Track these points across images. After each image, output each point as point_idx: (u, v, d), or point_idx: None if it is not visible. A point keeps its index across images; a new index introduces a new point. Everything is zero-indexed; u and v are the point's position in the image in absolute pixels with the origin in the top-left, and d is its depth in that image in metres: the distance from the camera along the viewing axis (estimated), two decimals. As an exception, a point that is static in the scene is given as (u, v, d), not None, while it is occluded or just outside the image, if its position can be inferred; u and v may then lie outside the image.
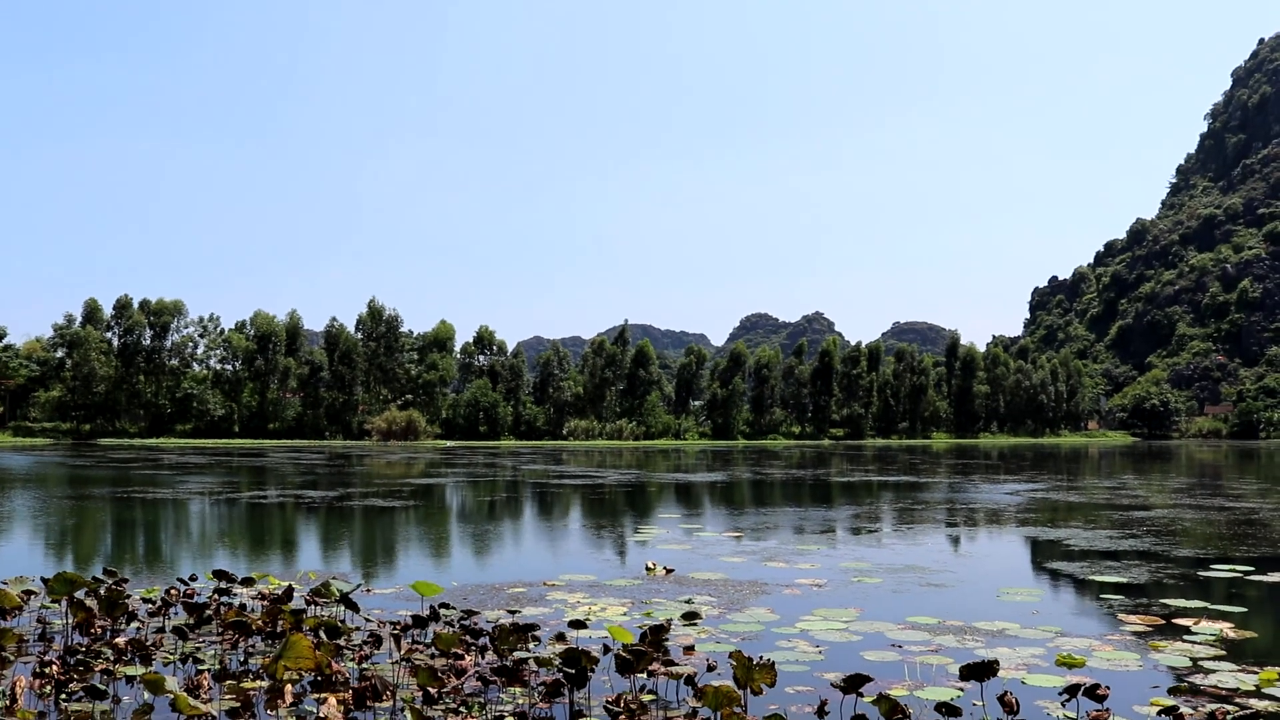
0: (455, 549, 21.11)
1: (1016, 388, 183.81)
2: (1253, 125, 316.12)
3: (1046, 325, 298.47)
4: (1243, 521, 27.22)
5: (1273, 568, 17.79)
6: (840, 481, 47.58)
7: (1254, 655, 10.94)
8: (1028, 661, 10.48)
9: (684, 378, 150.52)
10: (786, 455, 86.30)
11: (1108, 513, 29.94)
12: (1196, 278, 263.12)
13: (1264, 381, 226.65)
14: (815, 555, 19.22)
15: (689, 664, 9.96)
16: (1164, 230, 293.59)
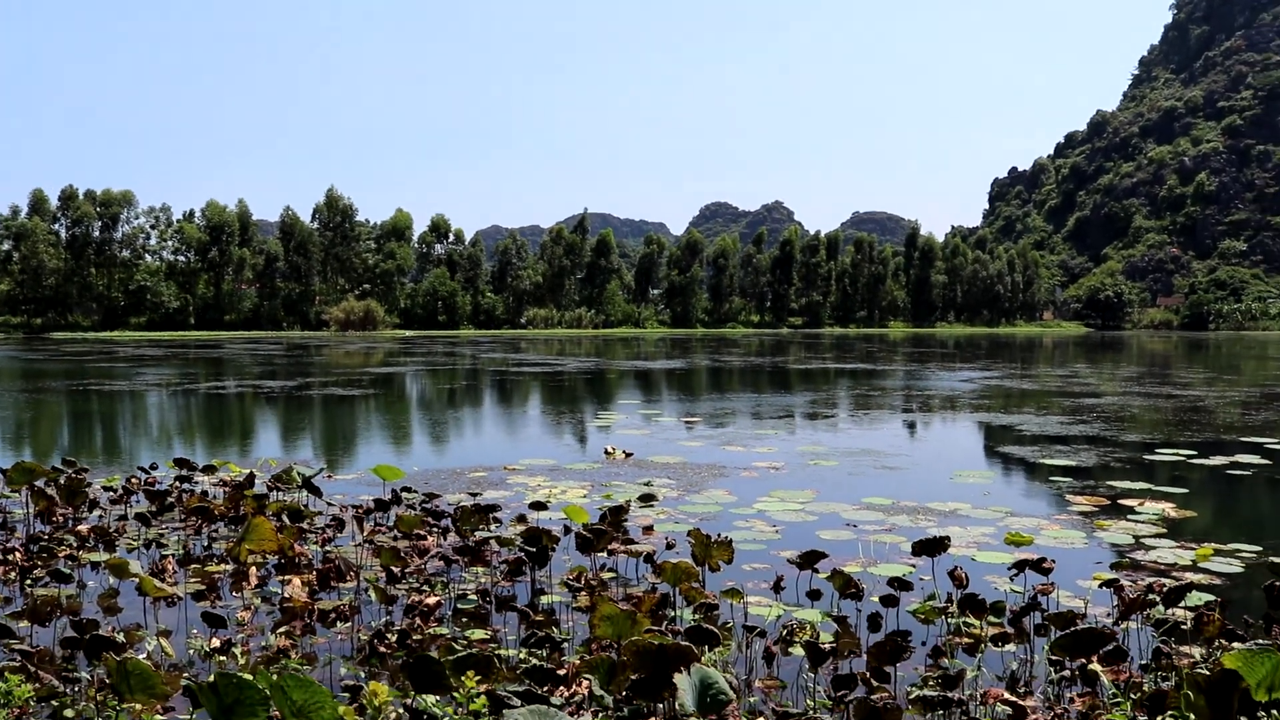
0: (416, 435, 21.21)
1: (974, 278, 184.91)
2: (1217, 16, 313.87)
3: (1005, 216, 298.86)
4: (1188, 409, 27.83)
5: (1214, 452, 18.26)
6: (798, 369, 48.01)
7: (1192, 533, 11.31)
8: (978, 540, 10.78)
9: (643, 266, 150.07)
10: (745, 343, 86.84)
11: (1059, 400, 30.50)
12: (1154, 170, 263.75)
13: (1215, 274, 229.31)
14: (773, 440, 19.50)
15: (648, 543, 10.17)
16: (1124, 122, 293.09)
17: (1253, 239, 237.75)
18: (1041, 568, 8.04)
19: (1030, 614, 7.45)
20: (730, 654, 7.11)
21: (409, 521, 9.94)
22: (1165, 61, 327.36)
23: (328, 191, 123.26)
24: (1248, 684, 4.06)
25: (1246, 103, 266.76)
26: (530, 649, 6.68)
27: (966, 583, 7.95)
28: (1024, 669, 6.99)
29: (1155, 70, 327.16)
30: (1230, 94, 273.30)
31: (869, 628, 7.42)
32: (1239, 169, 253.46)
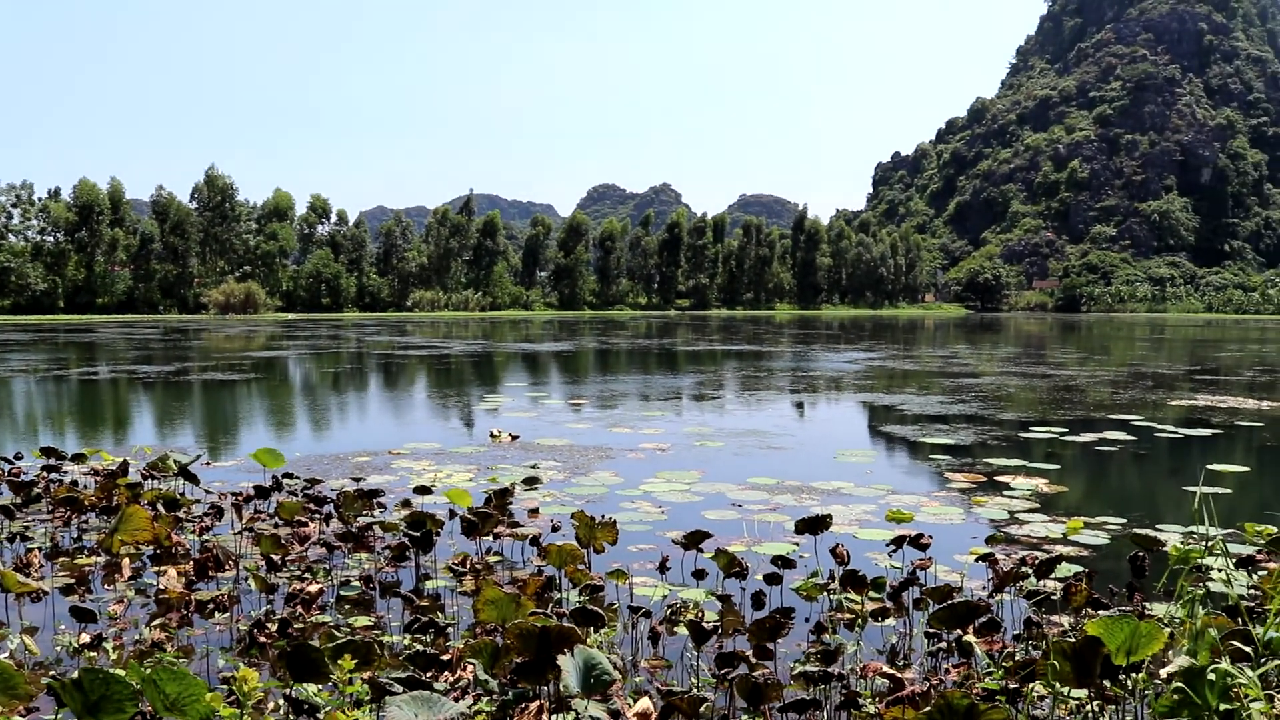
0: (298, 421, 20.80)
1: (858, 260, 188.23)
2: (1089, 9, 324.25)
3: (888, 200, 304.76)
4: (1061, 388, 28.79)
5: (1085, 429, 18.93)
6: (685, 351, 48.34)
7: (1064, 508, 11.72)
8: (860, 517, 11.00)
9: (530, 248, 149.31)
10: (632, 325, 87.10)
11: (940, 380, 31.26)
12: (1031, 157, 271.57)
13: (1087, 258, 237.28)
14: (659, 421, 19.61)
15: (534, 526, 10.15)
16: (1002, 110, 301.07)
17: (1122, 224, 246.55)
18: (919, 544, 8.24)
19: (909, 589, 7.63)
20: (616, 635, 7.14)
21: (290, 508, 9.76)
22: (1041, 52, 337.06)
23: (207, 171, 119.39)
24: (1108, 649, 4.22)
25: (1116, 93, 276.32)
26: (414, 635, 6.62)
27: (848, 560, 8.12)
28: (903, 642, 7.17)
29: (1032, 60, 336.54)
30: (1101, 85, 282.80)
31: (753, 606, 7.51)
32: (1109, 157, 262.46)
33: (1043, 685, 4.82)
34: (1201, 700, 3.55)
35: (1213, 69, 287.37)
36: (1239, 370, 38.18)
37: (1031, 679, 5.06)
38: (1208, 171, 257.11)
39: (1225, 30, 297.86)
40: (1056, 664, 4.34)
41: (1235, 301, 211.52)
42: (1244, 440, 18.40)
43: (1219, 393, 27.31)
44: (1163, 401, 24.81)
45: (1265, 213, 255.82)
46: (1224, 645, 3.96)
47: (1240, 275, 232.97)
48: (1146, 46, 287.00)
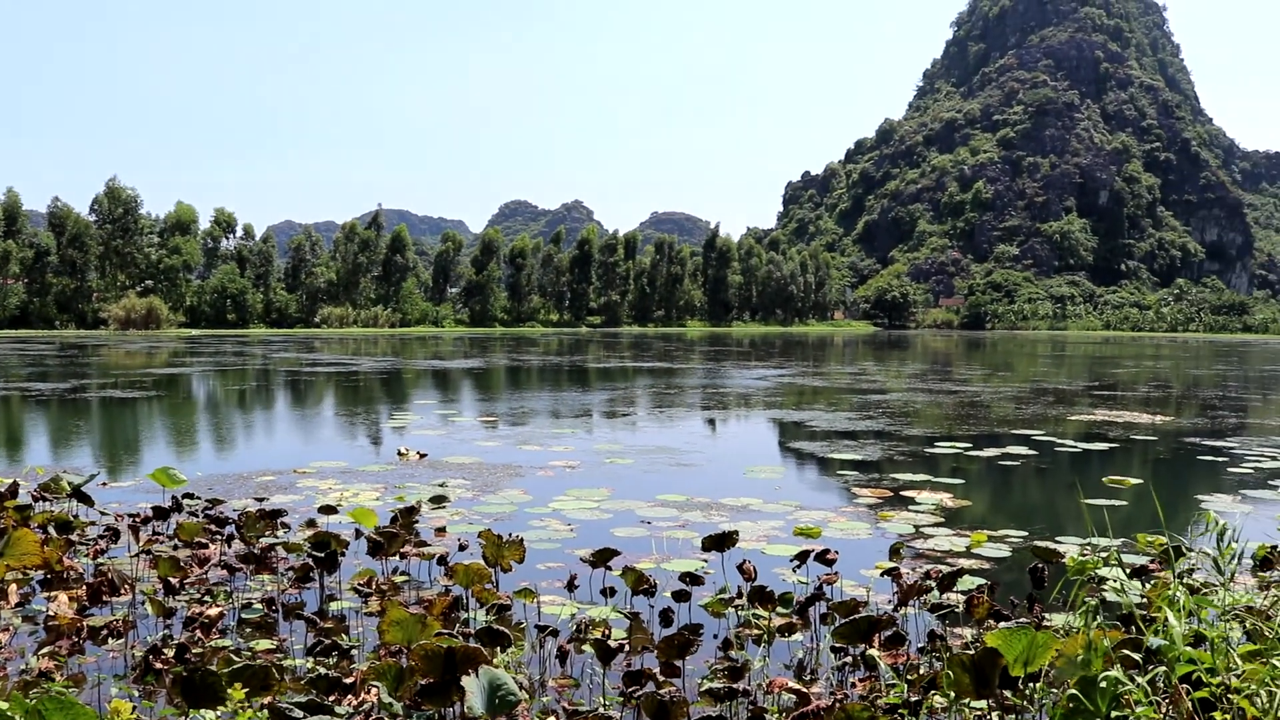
0: (201, 439, 20.33)
1: (768, 278, 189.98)
2: (992, 36, 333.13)
3: (798, 219, 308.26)
4: (966, 404, 29.36)
5: (989, 444, 19.32)
6: (597, 368, 48.34)
7: (968, 521, 11.93)
8: (768, 533, 11.07)
9: (441, 264, 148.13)
10: (544, 342, 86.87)
11: (848, 396, 31.66)
12: (937, 178, 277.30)
13: (992, 277, 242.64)
14: (570, 439, 19.56)
15: (441, 545, 10.04)
16: (910, 131, 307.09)
17: (1024, 244, 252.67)
18: (825, 559, 8.32)
19: (816, 604, 7.69)
20: (523, 654, 7.08)
21: (190, 529, 9.53)
22: (947, 75, 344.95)
23: (109, 182, 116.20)
24: (1006, 660, 4.29)
25: (1018, 117, 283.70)
26: (318, 657, 6.49)
27: (755, 576, 8.16)
28: (810, 657, 7.22)
29: (938, 83, 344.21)
30: (1004, 108, 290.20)
31: (661, 623, 7.51)
32: (1012, 178, 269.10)
33: (943, 697, 4.89)
34: (1093, 707, 3.63)
35: (1109, 95, 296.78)
36: (1135, 386, 39.31)
37: (932, 690, 5.13)
38: (1105, 194, 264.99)
39: (1120, 59, 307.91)
40: (955, 675, 4.41)
41: (1131, 319, 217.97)
42: (1139, 454, 18.93)
43: (1116, 408, 28.08)
44: (1063, 417, 25.43)
45: (1159, 234, 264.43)
46: (1115, 654, 4.05)
47: (1136, 294, 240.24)
48: (1047, 73, 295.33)
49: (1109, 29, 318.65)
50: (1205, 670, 3.93)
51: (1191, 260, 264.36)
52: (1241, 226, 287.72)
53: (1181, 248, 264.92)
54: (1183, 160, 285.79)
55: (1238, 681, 3.85)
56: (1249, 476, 15.96)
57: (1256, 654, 4.00)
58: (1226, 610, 5.08)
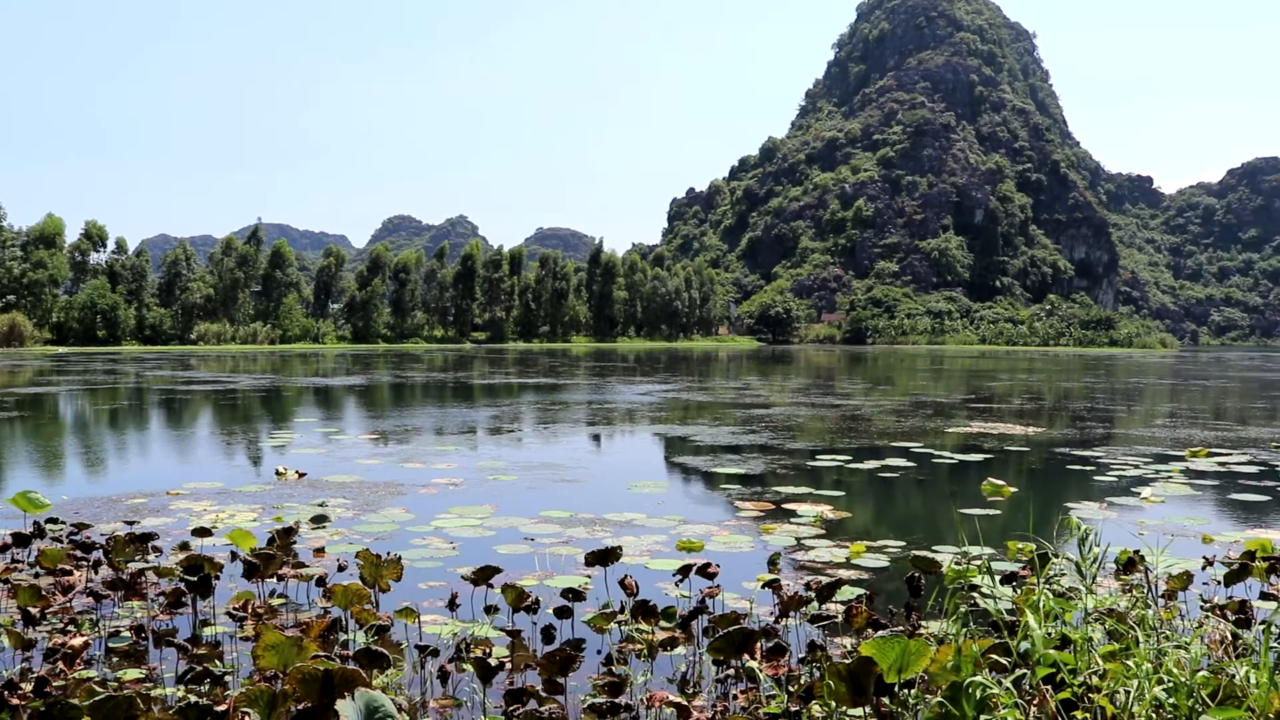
0: (67, 461, 19.57)
1: (653, 294, 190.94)
2: (873, 58, 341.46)
3: (683, 235, 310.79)
4: (847, 417, 29.89)
5: (870, 456, 19.69)
6: (481, 384, 47.98)
7: (848, 533, 12.13)
8: (652, 548, 11.10)
9: (323, 280, 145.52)
10: (428, 358, 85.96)
11: (732, 411, 31.97)
12: (819, 195, 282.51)
13: (872, 293, 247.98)
14: (453, 456, 19.37)
15: (320, 565, 9.84)
16: (792, 149, 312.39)
17: (904, 261, 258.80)
18: (707, 573, 8.37)
19: (698, 617, 7.73)
20: (404, 675, 6.98)
21: (53, 556, 9.15)
22: (829, 95, 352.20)
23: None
24: (881, 668, 4.37)
25: (897, 137, 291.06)
26: (189, 685, 6.29)
27: (637, 590, 8.17)
28: (692, 670, 7.25)
29: (820, 102, 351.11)
30: (884, 128, 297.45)
31: (543, 640, 7.47)
32: (892, 197, 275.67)
33: (821, 706, 4.95)
34: (960, 712, 3.72)
35: (983, 118, 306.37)
36: (1009, 399, 40.48)
37: (811, 700, 5.19)
38: (980, 212, 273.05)
39: (994, 83, 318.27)
40: (832, 684, 4.46)
41: (1006, 334, 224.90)
42: (1014, 464, 19.50)
43: (991, 420, 28.88)
44: (941, 429, 26.06)
45: (1031, 251, 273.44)
46: (984, 659, 4.15)
47: (1010, 309, 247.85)
48: (925, 94, 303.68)
49: (983, 54, 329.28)
50: (1068, 671, 4.06)
51: (1062, 277, 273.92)
52: (1107, 245, 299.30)
53: (1052, 265, 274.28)
54: (1053, 181, 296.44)
55: (1099, 681, 3.98)
56: (1114, 484, 16.55)
57: (1117, 654, 4.14)
58: (1090, 613, 5.25)
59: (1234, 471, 18.33)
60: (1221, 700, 3.69)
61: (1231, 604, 7.44)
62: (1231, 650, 4.37)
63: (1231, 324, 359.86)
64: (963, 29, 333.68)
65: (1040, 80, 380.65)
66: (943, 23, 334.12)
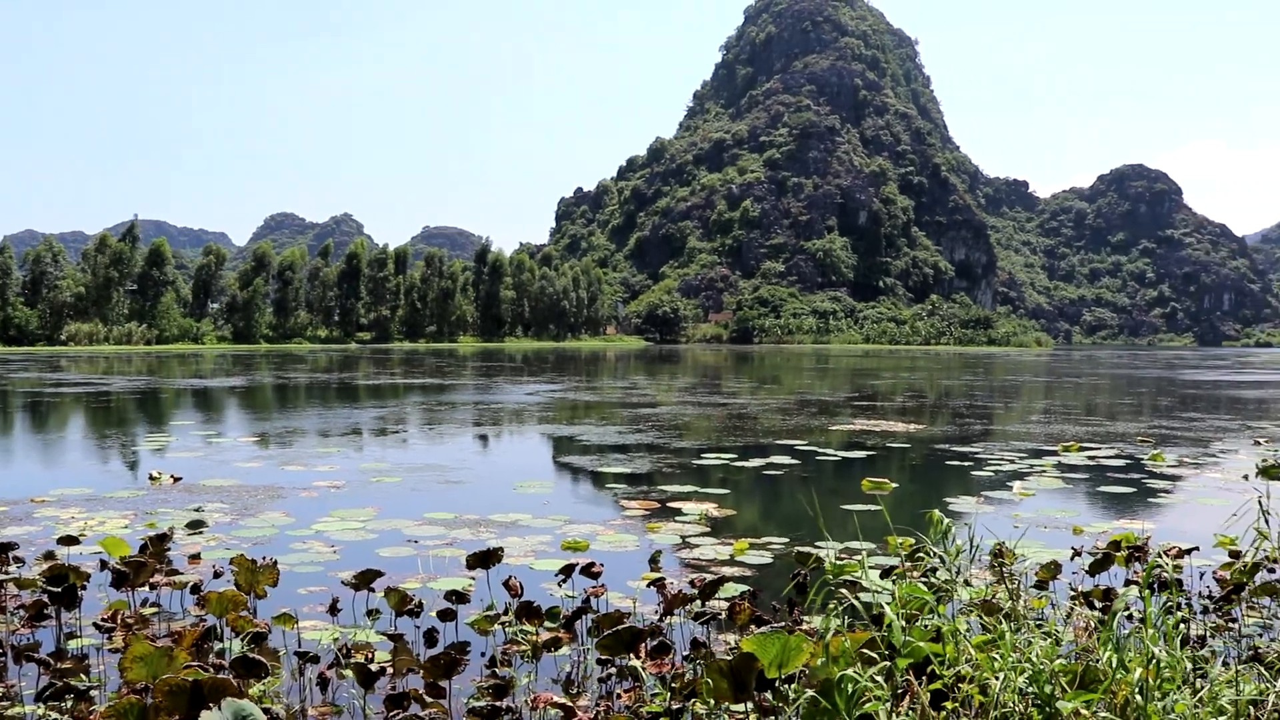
0: (-75, 468, 18.71)
1: (541, 294, 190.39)
2: (759, 60, 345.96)
3: (571, 234, 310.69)
4: (734, 416, 30.17)
5: (755, 455, 19.89)
6: (366, 385, 47.25)
7: (732, 530, 12.22)
8: (536, 548, 11.03)
9: (202, 279, 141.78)
10: (311, 359, 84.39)
11: (619, 410, 32.02)
12: (706, 196, 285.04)
13: (759, 293, 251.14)
14: (336, 458, 19.02)
15: (194, 573, 9.56)
16: (680, 150, 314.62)
17: (789, 261, 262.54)
18: (591, 572, 8.35)
19: (582, 617, 7.70)
20: (282, 683, 6.81)
21: (-95, 566, 8.73)
22: (716, 97, 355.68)
23: None
24: (762, 664, 4.39)
25: (783, 139, 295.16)
26: (49, 702, 6.04)
27: (521, 591, 8.11)
28: (577, 670, 7.22)
29: (708, 104, 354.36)
30: (770, 130, 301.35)
31: (426, 643, 7.36)
32: (778, 198, 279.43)
33: (704, 703, 4.96)
34: (833, 706, 3.76)
35: (867, 121, 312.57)
36: (892, 396, 41.33)
37: (693, 697, 5.20)
38: (864, 214, 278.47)
39: (877, 87, 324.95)
40: (714, 681, 4.48)
41: (889, 333, 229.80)
42: (896, 460, 19.90)
43: (875, 417, 29.43)
44: (825, 427, 26.46)
45: (913, 253, 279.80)
46: (859, 653, 4.21)
47: (893, 309, 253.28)
48: (810, 97, 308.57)
49: (867, 59, 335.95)
50: (939, 663, 4.14)
51: (942, 278, 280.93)
52: (986, 247, 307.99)
53: (933, 266, 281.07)
54: (934, 184, 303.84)
55: (969, 670, 4.07)
56: (990, 479, 17.00)
57: (988, 645, 4.24)
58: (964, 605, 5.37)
59: (1103, 465, 18.97)
60: (1081, 685, 3.81)
61: (1096, 591, 7.70)
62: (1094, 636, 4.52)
63: (1102, 323, 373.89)
64: (847, 34, 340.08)
65: (922, 86, 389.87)
66: (828, 28, 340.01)
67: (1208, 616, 8.00)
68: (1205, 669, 5.06)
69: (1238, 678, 4.45)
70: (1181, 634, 5.83)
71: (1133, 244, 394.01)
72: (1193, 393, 48.33)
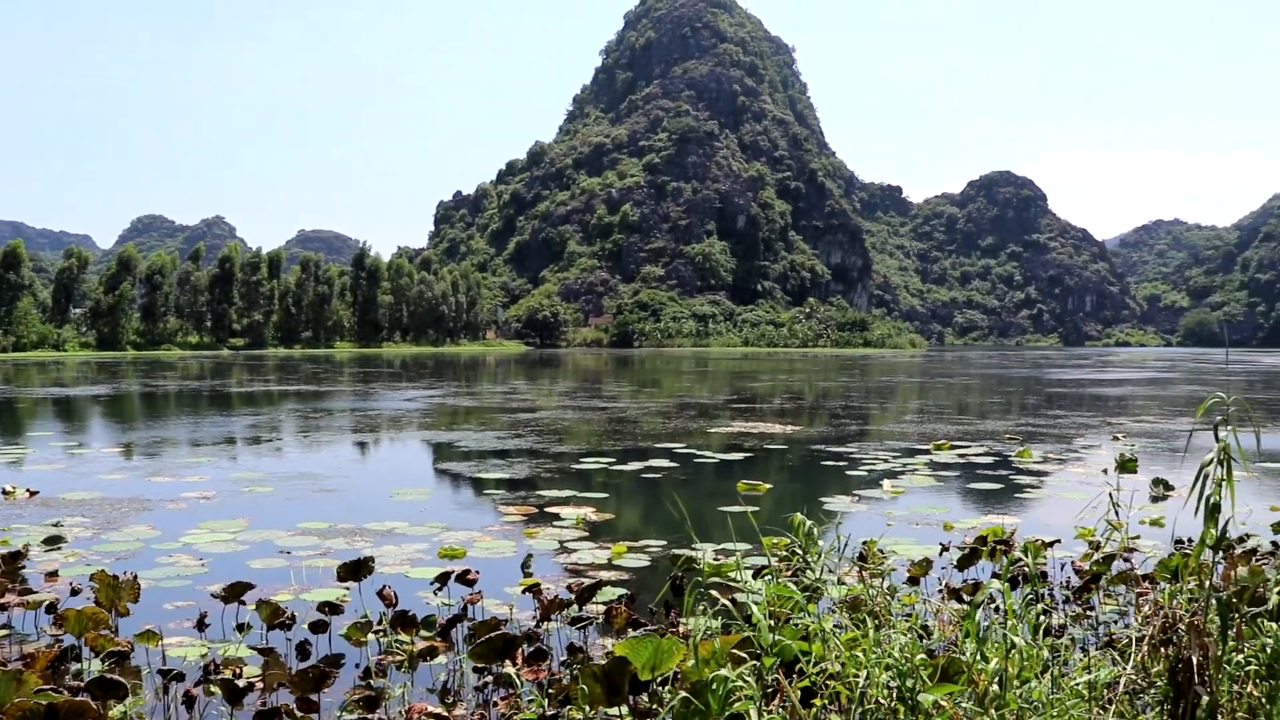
0: None
1: (420, 298, 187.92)
2: (639, 65, 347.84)
3: (450, 238, 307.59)
4: (613, 420, 30.22)
5: (634, 458, 19.96)
6: (239, 392, 46.09)
7: (610, 534, 12.24)
8: (413, 556, 10.89)
9: (63, 283, 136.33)
10: (182, 366, 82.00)
11: (499, 416, 31.83)
12: (586, 200, 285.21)
13: (639, 297, 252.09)
14: (206, 468, 18.50)
15: (51, 591, 9.18)
16: (560, 154, 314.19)
17: (669, 265, 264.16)
18: (466, 579, 8.27)
19: (458, 625, 7.62)
20: (145, 703, 6.58)
21: None
22: (596, 101, 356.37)
23: None
24: (635, 667, 4.40)
25: (663, 144, 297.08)
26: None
27: (396, 601, 7.99)
28: (453, 679, 7.14)
29: (588, 108, 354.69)
30: (650, 135, 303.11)
31: (298, 656, 7.20)
32: (657, 202, 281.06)
33: (578, 710, 4.95)
34: (705, 706, 3.79)
35: (745, 127, 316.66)
36: (770, 398, 41.90)
37: (568, 703, 5.18)
38: (742, 218, 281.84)
39: (755, 94, 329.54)
40: (588, 686, 4.47)
41: (767, 336, 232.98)
42: (774, 461, 20.16)
43: (753, 419, 29.79)
44: (704, 429, 26.69)
45: (790, 257, 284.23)
46: (730, 653, 4.25)
47: (771, 312, 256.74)
48: (689, 103, 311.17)
49: (745, 65, 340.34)
50: (808, 661, 4.21)
51: (819, 281, 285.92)
52: (861, 251, 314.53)
53: (810, 269, 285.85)
54: (810, 189, 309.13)
55: (836, 667, 4.14)
56: (865, 478, 17.35)
57: (857, 641, 4.32)
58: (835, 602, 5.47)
59: (973, 463, 19.53)
60: (944, 678, 3.91)
61: (966, 586, 7.91)
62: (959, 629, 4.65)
63: (973, 325, 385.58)
64: (726, 40, 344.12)
65: (799, 92, 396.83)
66: (707, 34, 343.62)
67: (1068, 606, 8.28)
68: (1065, 656, 5.24)
69: (1092, 662, 4.63)
70: (1043, 624, 6.03)
71: (1001, 248, 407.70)
72: (1057, 391, 50.09)
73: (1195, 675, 3.86)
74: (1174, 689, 3.94)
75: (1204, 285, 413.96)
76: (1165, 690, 4.03)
